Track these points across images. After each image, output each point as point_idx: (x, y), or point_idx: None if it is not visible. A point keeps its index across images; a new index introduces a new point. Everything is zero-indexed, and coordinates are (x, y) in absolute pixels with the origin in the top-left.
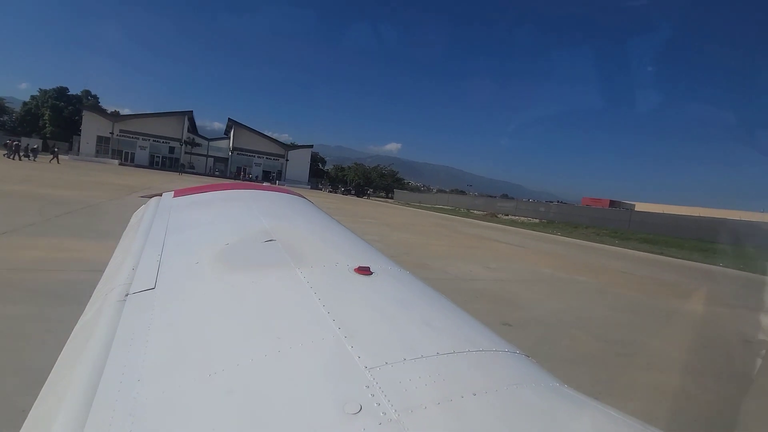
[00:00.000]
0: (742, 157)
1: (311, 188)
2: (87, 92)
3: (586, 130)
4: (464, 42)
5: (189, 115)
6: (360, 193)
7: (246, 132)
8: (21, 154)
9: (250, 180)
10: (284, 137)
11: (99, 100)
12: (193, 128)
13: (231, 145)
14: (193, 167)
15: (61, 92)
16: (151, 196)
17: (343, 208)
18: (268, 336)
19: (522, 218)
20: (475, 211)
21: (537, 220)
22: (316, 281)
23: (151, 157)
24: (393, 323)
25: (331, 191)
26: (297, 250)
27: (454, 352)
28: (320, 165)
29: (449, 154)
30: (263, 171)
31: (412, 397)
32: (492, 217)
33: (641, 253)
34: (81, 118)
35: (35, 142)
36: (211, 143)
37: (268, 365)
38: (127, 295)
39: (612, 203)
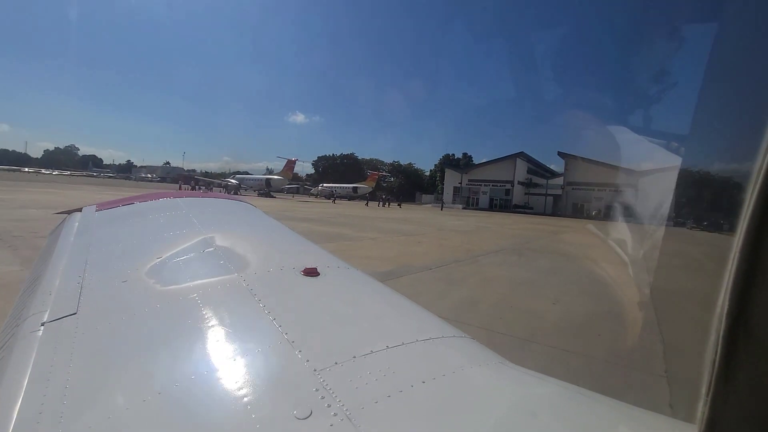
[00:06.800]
0: None
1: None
2: (465, 154)
3: None
4: None
5: (521, 156)
6: None
7: (581, 163)
8: (381, 203)
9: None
10: None
11: (472, 159)
12: (538, 167)
13: (564, 180)
14: (531, 207)
15: (447, 158)
16: (69, 212)
17: None
18: (208, 350)
19: None
20: None
21: None
22: (260, 287)
23: (491, 200)
24: (341, 322)
25: None
26: (238, 258)
27: (403, 344)
28: None
29: None
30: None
31: (364, 394)
32: None
33: None
34: None
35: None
36: (550, 181)
37: (211, 381)
38: (42, 324)
39: None
